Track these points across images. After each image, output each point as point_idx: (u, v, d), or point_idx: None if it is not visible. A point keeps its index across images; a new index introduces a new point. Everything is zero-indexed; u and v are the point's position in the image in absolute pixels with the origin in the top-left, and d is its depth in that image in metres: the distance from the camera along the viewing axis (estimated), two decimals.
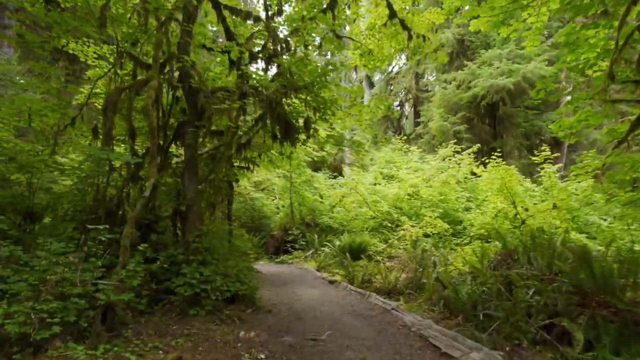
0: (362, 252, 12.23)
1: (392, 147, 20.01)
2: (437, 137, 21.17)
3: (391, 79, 27.96)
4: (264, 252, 15.03)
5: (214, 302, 5.62)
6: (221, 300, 5.76)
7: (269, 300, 7.27)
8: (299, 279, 10.01)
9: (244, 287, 6.04)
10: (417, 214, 14.74)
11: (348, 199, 15.15)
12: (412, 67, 24.94)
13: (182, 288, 5.47)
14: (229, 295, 5.84)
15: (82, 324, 4.04)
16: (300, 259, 13.03)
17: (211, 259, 6.16)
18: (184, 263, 5.92)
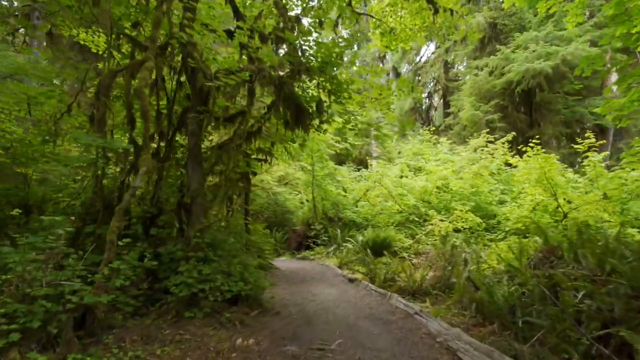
0: (387, 248, 11.42)
1: (421, 139, 18.99)
2: (468, 128, 19.94)
3: (419, 69, 26.73)
4: (287, 247, 14.46)
5: (213, 304, 5.00)
6: (222, 302, 5.14)
7: (281, 300, 6.61)
8: (318, 277, 9.32)
9: (248, 286, 5.39)
10: (447, 208, 13.74)
11: (372, 192, 14.32)
12: (441, 55, 23.68)
13: (177, 288, 4.89)
14: (230, 295, 5.21)
15: (52, 330, 3.50)
16: (322, 255, 12.35)
17: (214, 256, 5.55)
18: (183, 260, 5.35)
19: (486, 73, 19.31)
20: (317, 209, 14.14)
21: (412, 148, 18.60)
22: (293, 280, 8.92)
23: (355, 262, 10.93)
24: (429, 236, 12.19)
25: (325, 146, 13.86)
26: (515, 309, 5.33)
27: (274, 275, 9.49)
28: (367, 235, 11.62)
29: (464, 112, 19.74)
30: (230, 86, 5.90)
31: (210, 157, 7.73)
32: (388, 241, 11.37)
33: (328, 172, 14.42)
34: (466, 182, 13.90)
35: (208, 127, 6.75)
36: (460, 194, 13.84)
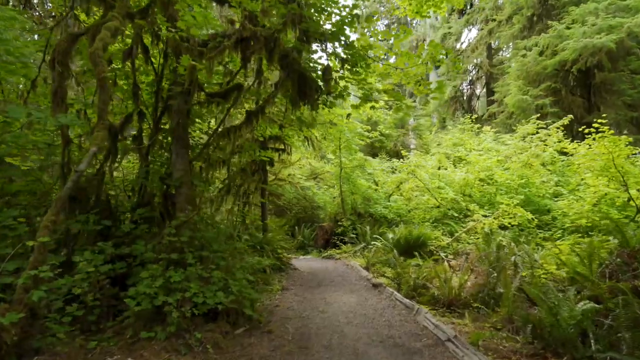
0: (421, 247, 9.90)
1: (461, 128, 17.12)
2: (515, 115, 17.78)
3: (459, 56, 24.54)
4: (314, 245, 13.24)
5: (182, 320, 3.84)
6: (195, 317, 3.98)
7: (283, 312, 5.38)
8: (339, 279, 8.01)
9: (229, 298, 4.18)
10: (491, 202, 11.96)
11: (406, 185, 12.77)
12: (484, 38, 21.45)
13: (134, 299, 3.77)
14: (207, 309, 4.03)
15: None
16: (349, 254, 11.01)
17: (192, 258, 4.40)
18: (154, 263, 4.24)
19: (535, 53, 17.04)
20: (345, 204, 12.79)
21: (452, 138, 16.75)
22: (310, 283, 7.67)
23: (384, 263, 9.52)
24: (470, 234, 10.53)
25: (354, 135, 12.47)
26: (589, 336, 3.79)
27: (291, 278, 8.29)
28: (398, 232, 10.16)
29: (510, 98, 17.58)
30: (212, 50, 4.72)
31: (213, 142, 6.63)
32: (422, 239, 9.84)
33: (357, 164, 13.02)
34: (514, 173, 12.05)
35: (196, 104, 5.59)
36: (506, 186, 12.01)
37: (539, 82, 17.24)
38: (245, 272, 5.03)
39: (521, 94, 17.11)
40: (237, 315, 4.28)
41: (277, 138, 9.43)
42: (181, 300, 3.85)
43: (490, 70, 23.61)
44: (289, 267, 9.07)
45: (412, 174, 11.96)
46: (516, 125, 15.20)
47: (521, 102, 17.05)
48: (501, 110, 20.92)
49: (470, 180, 12.25)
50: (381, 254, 9.99)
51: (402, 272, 7.02)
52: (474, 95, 25.81)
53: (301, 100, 5.41)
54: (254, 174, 9.47)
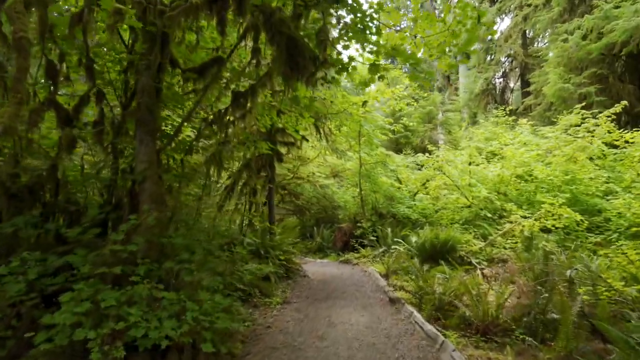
0: (450, 253, 8.51)
1: (494, 121, 15.43)
2: (555, 106, 15.90)
3: (491, 46, 22.63)
4: (333, 247, 12.03)
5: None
6: (134, 356, 2.89)
7: (275, 335, 4.22)
8: (353, 290, 6.77)
9: (181, 329, 3.03)
10: (530, 201, 10.36)
11: (433, 183, 11.33)
12: (519, 25, 19.51)
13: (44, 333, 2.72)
14: (150, 345, 2.92)
15: None
16: (368, 258, 9.73)
17: (146, 271, 3.32)
18: (88, 279, 3.19)
19: (578, 37, 15.09)
20: (365, 203, 11.50)
21: (484, 132, 15.08)
22: (317, 294, 6.49)
23: (405, 271, 8.21)
24: (506, 237, 9.03)
25: (374, 129, 11.16)
26: None
27: (298, 287, 7.13)
28: (423, 235, 8.79)
29: (549, 87, 15.71)
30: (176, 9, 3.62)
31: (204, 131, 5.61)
32: (451, 244, 8.44)
33: (379, 160, 11.69)
34: (556, 169, 10.39)
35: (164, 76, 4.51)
36: (548, 183, 10.37)
37: (582, 69, 15.31)
38: (219, 289, 3.88)
39: (562, 82, 15.23)
40: (195, 351, 3.15)
41: (284, 131, 8.32)
42: (110, 333, 2.76)
43: (525, 60, 21.59)
44: (298, 274, 7.92)
45: (440, 170, 10.51)
46: (556, 118, 13.42)
47: (562, 92, 15.17)
48: (538, 102, 19.01)
49: (505, 177, 10.68)
50: (403, 259, 8.67)
51: (425, 285, 5.69)
52: (507, 88, 23.77)
53: (293, 73, 4.23)
54: (260, 170, 8.39)
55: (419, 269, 6.02)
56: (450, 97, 26.36)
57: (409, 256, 8.98)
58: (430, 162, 10.58)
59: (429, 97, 19.18)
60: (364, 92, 8.70)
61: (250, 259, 7.00)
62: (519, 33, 20.08)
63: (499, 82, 23.72)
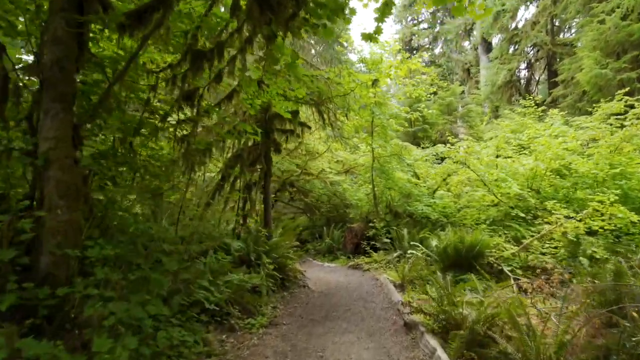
0: (477, 259, 7.01)
1: (521, 111, 13.70)
2: (590, 94, 14.06)
3: (514, 36, 20.70)
4: (343, 249, 10.63)
5: None
6: None
7: None
8: (359, 306, 5.37)
9: None
10: (569, 199, 8.72)
11: (455, 178, 9.78)
12: (547, 8, 17.60)
13: None
14: None
15: None
16: (381, 264, 8.28)
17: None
18: None
19: (617, 18, 13.22)
20: (378, 201, 10.05)
21: (510, 124, 13.35)
22: (316, 312, 5.12)
23: (425, 280, 6.76)
24: (543, 240, 7.47)
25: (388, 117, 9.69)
26: None
27: (294, 301, 5.78)
28: (445, 238, 7.31)
29: (583, 74, 13.87)
30: None
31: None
32: (479, 249, 6.93)
33: (393, 153, 10.20)
34: (601, 161, 8.71)
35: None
36: (591, 177, 8.71)
37: (621, 53, 13.45)
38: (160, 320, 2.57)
39: (598, 67, 13.39)
40: None
41: (282, 117, 6.97)
42: None
43: (552, 49, 19.63)
44: (296, 283, 6.56)
45: (464, 163, 8.95)
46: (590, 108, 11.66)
47: (598, 78, 13.36)
48: (568, 92, 17.15)
49: (539, 171, 9.04)
50: (421, 266, 7.22)
51: (452, 309, 4.24)
52: (532, 79, 21.79)
53: (265, 14, 2.87)
54: (254, 162, 7.07)
55: (443, 285, 4.54)
56: (470, 90, 24.49)
57: (427, 263, 7.51)
58: (453, 154, 9.02)
59: (448, 88, 17.50)
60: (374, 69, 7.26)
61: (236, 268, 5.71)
62: (547, 18, 18.15)
63: (523, 74, 21.78)
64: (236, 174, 6.99)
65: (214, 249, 5.75)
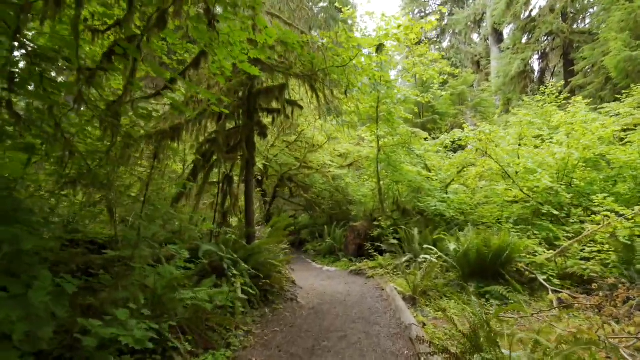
0: (504, 266, 5.59)
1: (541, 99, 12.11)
2: (617, 79, 12.46)
3: (529, 24, 19.03)
4: (345, 251, 9.22)
5: None
6: None
7: None
8: (360, 330, 3.96)
9: None
10: (609, 192, 7.21)
11: (473, 170, 8.30)
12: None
13: None
14: None
15: None
16: (387, 269, 6.85)
17: None
18: None
19: None
20: (384, 197, 8.62)
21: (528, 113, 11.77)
22: (301, 340, 3.72)
23: (441, 292, 5.36)
24: (583, 244, 5.99)
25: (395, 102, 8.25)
26: None
27: (278, 320, 4.40)
28: (465, 240, 5.85)
29: (610, 58, 12.26)
30: None
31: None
32: (508, 253, 5.46)
33: (401, 141, 8.74)
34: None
35: None
36: (634, 168, 7.20)
37: None
38: None
39: (628, 50, 11.77)
40: None
41: (267, 93, 5.58)
42: None
43: (569, 37, 17.99)
44: (283, 296, 5.17)
45: (484, 152, 7.45)
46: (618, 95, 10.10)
47: (627, 62, 11.77)
48: (588, 81, 15.56)
49: (571, 161, 7.54)
50: (436, 274, 5.80)
51: (487, 343, 2.81)
52: (547, 69, 20.09)
53: None
54: (234, 149, 5.69)
55: (477, 314, 3.09)
56: (480, 83, 22.84)
57: (443, 269, 6.09)
58: (472, 140, 7.51)
59: (460, 76, 15.95)
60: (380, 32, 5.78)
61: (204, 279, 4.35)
62: (564, 3, 16.48)
63: (537, 64, 20.09)
64: (212, 162, 5.62)
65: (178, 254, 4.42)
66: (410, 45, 7.11)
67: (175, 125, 5.31)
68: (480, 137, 7.25)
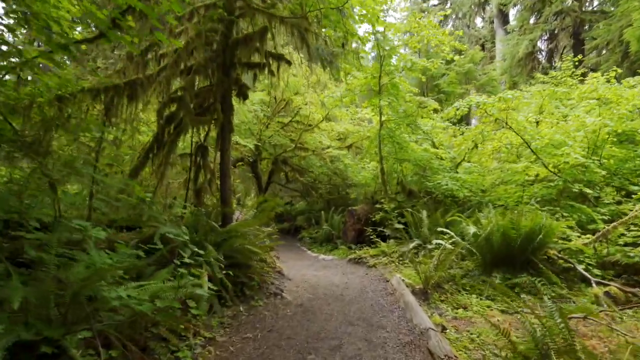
0: (536, 252, 4.49)
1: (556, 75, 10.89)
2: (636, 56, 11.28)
3: (537, 3, 17.69)
4: (343, 238, 8.13)
5: None
6: None
7: None
8: (360, 336, 2.88)
9: None
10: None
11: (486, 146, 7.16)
12: None
13: None
14: None
15: None
16: (392, 257, 5.76)
17: None
18: None
19: None
20: (386, 176, 7.50)
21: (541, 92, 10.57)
22: (280, 352, 2.66)
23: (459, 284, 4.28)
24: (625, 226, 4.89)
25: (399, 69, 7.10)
26: None
27: (255, 322, 3.32)
28: (487, 222, 4.74)
29: (631, 30, 11.06)
30: None
31: None
32: (542, 237, 4.35)
33: (406, 114, 7.58)
34: None
35: None
36: None
37: None
38: None
39: None
40: None
41: (247, 41, 4.43)
42: None
43: (580, 17, 16.72)
44: (264, 290, 4.08)
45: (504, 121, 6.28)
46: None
47: None
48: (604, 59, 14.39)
49: (602, 135, 6.39)
50: (451, 262, 4.72)
51: None
52: (555, 51, 18.79)
53: None
54: (208, 110, 4.57)
55: (550, 317, 1.98)
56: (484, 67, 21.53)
57: (458, 257, 5.00)
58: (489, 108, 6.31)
59: (467, 54, 14.72)
60: None
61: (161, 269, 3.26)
62: None
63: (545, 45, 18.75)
64: (180, 129, 4.50)
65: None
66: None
67: (132, 80, 4.19)
68: (500, 105, 6.09)
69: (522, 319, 2.10)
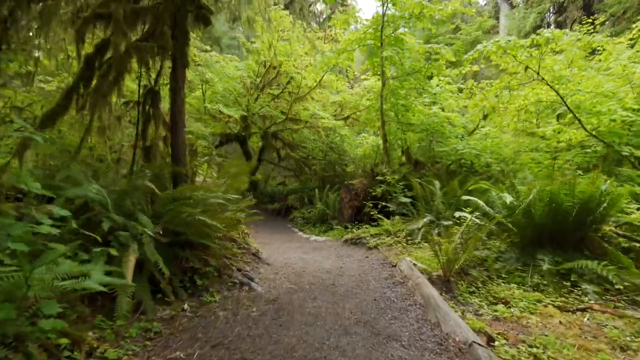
0: (588, 228, 3.26)
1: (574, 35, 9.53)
2: None
3: None
4: (339, 218, 6.90)
5: None
6: None
7: None
8: (361, 341, 1.72)
9: None
10: None
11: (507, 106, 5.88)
12: None
13: None
14: None
15: None
16: (398, 237, 4.54)
17: None
18: None
19: None
20: (389, 145, 6.24)
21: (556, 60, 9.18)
22: None
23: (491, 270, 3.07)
24: None
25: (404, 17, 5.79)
26: None
27: (197, 329, 2.10)
28: (527, 190, 3.50)
29: None
30: None
31: None
32: (605, 207, 3.14)
33: (413, 70, 6.27)
34: None
35: None
36: None
37: None
38: None
39: None
40: None
41: None
42: None
43: None
44: (226, 279, 2.86)
45: (535, 71, 4.99)
46: None
47: None
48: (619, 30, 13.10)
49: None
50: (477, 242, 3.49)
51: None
52: (565, 25, 17.35)
53: None
54: (152, 36, 3.27)
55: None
56: None
57: (489, 232, 3.79)
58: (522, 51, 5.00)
59: (474, 22, 13.33)
60: None
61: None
62: None
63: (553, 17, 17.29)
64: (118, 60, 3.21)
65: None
66: None
67: None
68: (515, 46, 4.82)
69: None
